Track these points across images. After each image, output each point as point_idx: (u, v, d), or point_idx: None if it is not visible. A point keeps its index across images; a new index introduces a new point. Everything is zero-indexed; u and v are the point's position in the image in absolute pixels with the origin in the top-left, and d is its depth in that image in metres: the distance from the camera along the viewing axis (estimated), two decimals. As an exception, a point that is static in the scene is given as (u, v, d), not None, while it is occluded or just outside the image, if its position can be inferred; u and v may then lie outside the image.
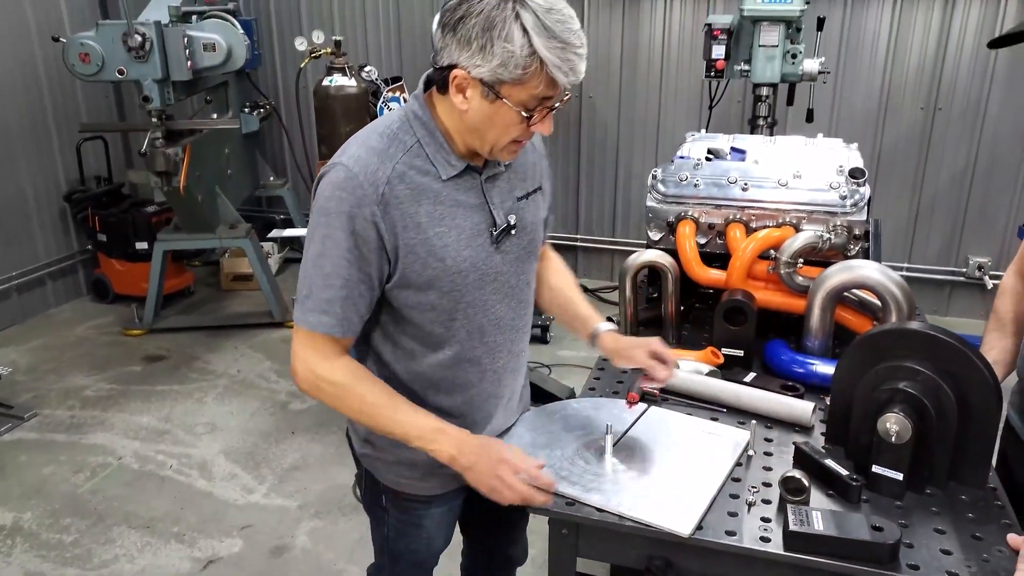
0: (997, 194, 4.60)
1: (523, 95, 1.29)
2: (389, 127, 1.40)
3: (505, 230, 1.47)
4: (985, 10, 4.32)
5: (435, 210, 1.38)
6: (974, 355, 1.44)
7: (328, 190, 1.36)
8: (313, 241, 1.38)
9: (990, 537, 1.36)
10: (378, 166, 1.35)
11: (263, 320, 4.69)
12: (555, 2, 1.28)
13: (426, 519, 1.65)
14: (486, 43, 1.25)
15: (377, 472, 1.63)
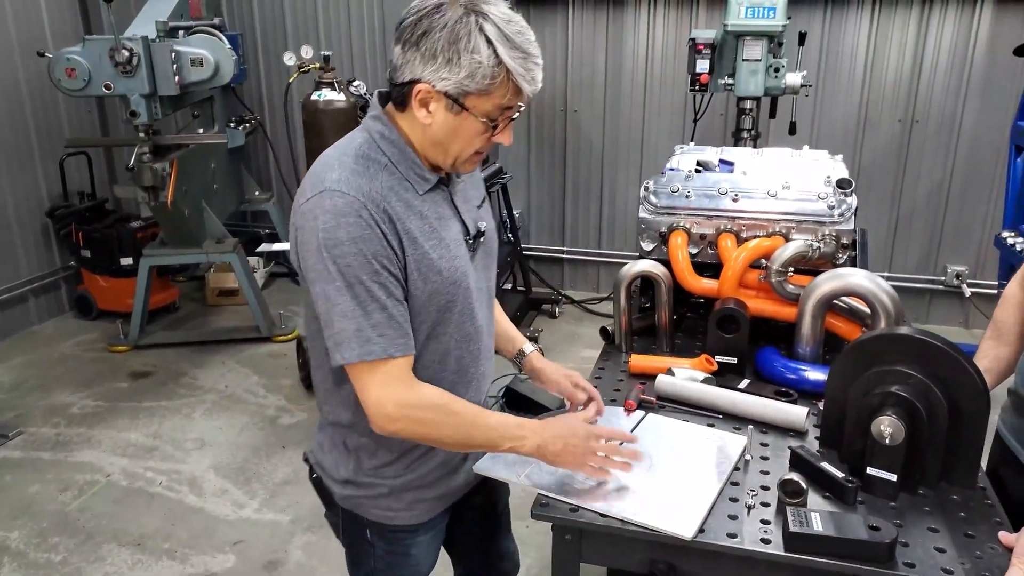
0: (973, 205, 4.71)
1: (488, 105, 1.32)
2: (359, 149, 1.38)
3: (476, 237, 1.50)
4: (958, 26, 4.44)
5: (424, 224, 1.39)
6: (963, 359, 1.48)
7: (330, 220, 1.30)
8: (332, 276, 1.32)
9: (982, 535, 1.40)
10: (369, 185, 1.33)
11: (250, 335, 4.68)
12: (511, 14, 1.31)
13: (414, 547, 1.64)
14: (452, 56, 1.27)
15: (360, 509, 1.58)
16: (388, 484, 1.55)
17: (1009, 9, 4.34)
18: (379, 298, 1.33)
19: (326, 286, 1.33)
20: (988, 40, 4.42)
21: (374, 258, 1.32)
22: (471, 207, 1.53)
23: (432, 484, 1.59)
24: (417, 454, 1.54)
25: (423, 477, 1.57)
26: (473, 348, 1.54)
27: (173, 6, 4.45)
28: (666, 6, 4.85)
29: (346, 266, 1.31)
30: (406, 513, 1.58)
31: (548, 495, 1.50)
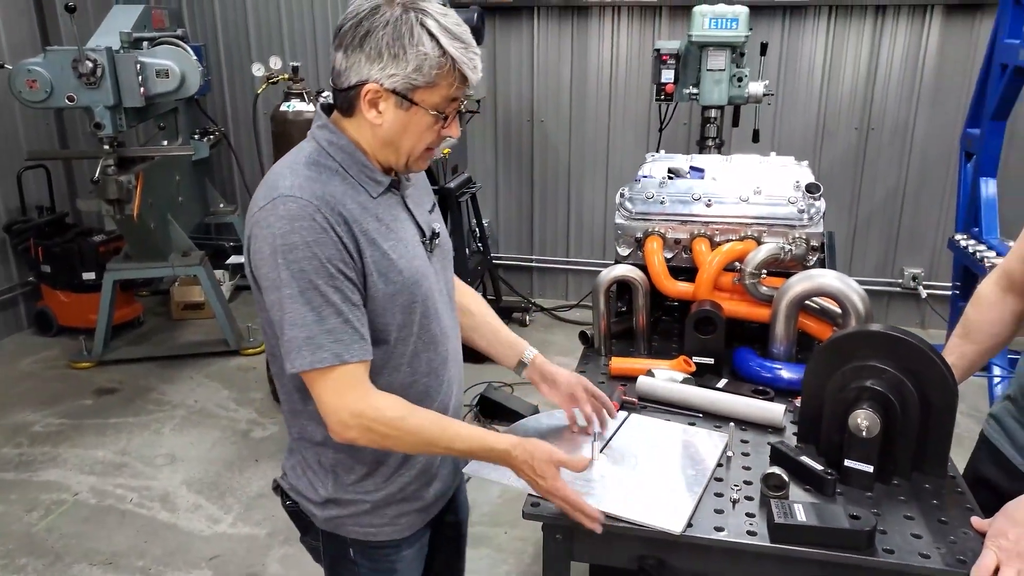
0: (927, 209, 4.87)
1: (435, 97, 1.34)
2: (309, 157, 1.38)
3: (432, 239, 1.52)
4: (909, 37, 4.60)
5: (380, 226, 1.39)
6: (933, 354, 1.55)
7: (283, 225, 1.29)
8: (285, 282, 1.30)
9: (955, 521, 1.46)
10: (323, 189, 1.33)
11: (218, 349, 4.63)
12: (445, 8, 1.34)
13: (399, 563, 1.60)
14: (398, 51, 1.29)
15: (342, 529, 1.55)
16: (369, 499, 1.52)
17: (956, 21, 4.52)
18: (334, 302, 1.32)
19: (279, 294, 1.32)
20: (937, 50, 4.59)
21: (329, 262, 1.31)
22: (423, 211, 1.54)
23: (413, 496, 1.56)
24: (394, 464, 1.52)
25: (403, 489, 1.55)
26: (442, 350, 1.53)
27: (136, 17, 4.41)
28: (629, 17, 4.94)
29: (300, 271, 1.30)
30: (389, 528, 1.56)
31: (537, 496, 1.52)
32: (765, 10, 4.61)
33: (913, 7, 4.52)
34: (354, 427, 1.35)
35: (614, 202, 5.66)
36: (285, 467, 1.62)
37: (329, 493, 1.52)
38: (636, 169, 5.20)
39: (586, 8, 4.94)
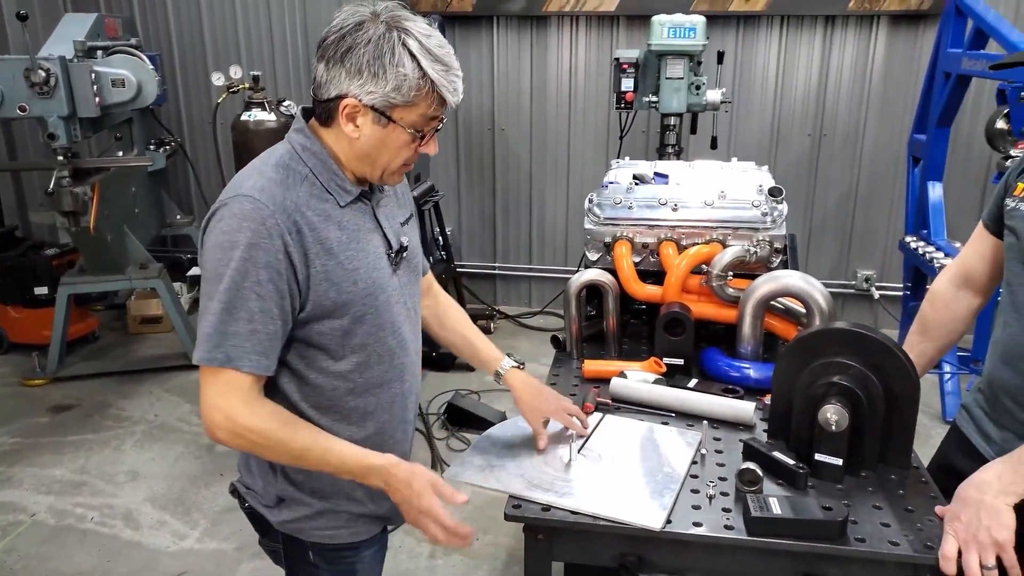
0: (877, 212, 5.03)
1: (413, 116, 1.35)
2: (280, 159, 1.39)
3: (399, 252, 1.52)
4: (857, 46, 4.76)
5: (342, 235, 1.40)
6: (896, 348, 1.61)
7: (233, 222, 1.30)
8: (215, 278, 1.31)
9: (920, 509, 1.52)
10: (284, 195, 1.34)
11: (178, 362, 4.54)
12: (430, 29, 1.36)
13: (358, 564, 1.60)
14: (378, 70, 1.30)
15: (301, 533, 1.54)
16: (319, 503, 1.52)
17: (900, 31, 4.68)
18: (250, 309, 1.31)
19: (207, 285, 1.33)
20: (884, 59, 4.75)
21: (263, 268, 1.31)
22: (394, 223, 1.54)
23: (362, 500, 1.55)
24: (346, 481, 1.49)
25: (351, 494, 1.53)
26: (397, 363, 1.53)
27: (89, 26, 4.33)
28: (587, 26, 5.01)
29: (233, 269, 1.30)
30: (345, 531, 1.55)
31: (519, 497, 1.54)
32: (719, 19, 4.72)
33: (860, 17, 4.67)
34: (224, 429, 1.35)
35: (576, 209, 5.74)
36: (240, 468, 1.62)
37: (281, 494, 1.52)
38: (597, 177, 5.27)
39: (545, 18, 5.00)
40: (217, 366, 1.32)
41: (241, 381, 1.33)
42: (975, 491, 1.39)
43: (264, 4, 5.32)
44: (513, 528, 3.06)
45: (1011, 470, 1.38)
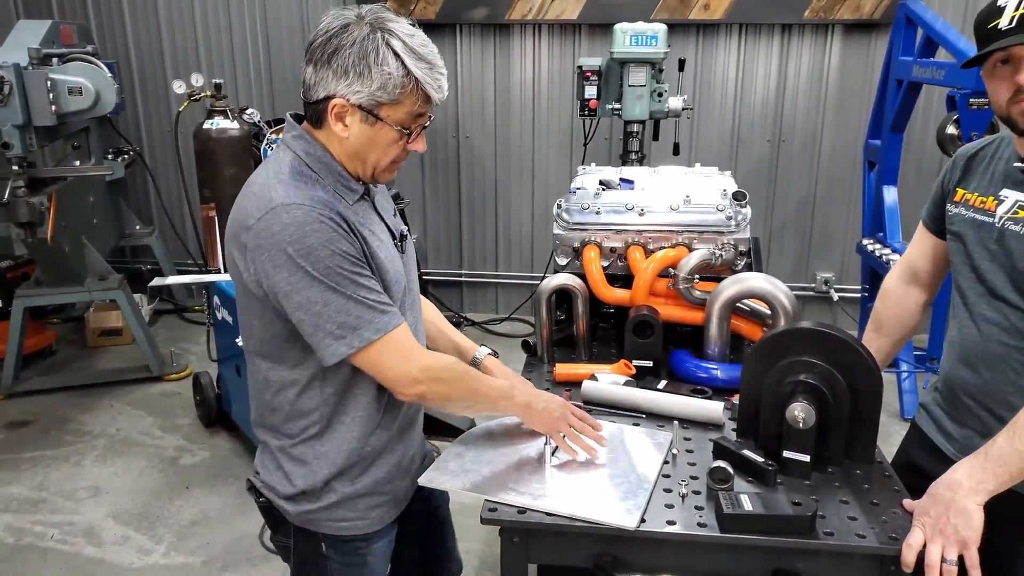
0: (835, 216, 5.14)
1: (400, 114, 1.42)
2: (291, 167, 1.44)
3: (401, 240, 1.61)
4: (814, 53, 4.87)
5: (363, 230, 1.46)
6: (858, 346, 1.65)
7: (296, 231, 1.36)
8: (315, 281, 1.37)
9: (885, 503, 1.56)
10: (316, 195, 1.40)
11: (140, 375, 4.46)
12: (414, 29, 1.43)
13: (370, 555, 1.65)
14: (363, 70, 1.36)
15: (315, 524, 1.59)
16: (340, 492, 1.57)
17: (854, 39, 4.81)
18: (365, 286, 1.41)
19: (310, 292, 1.38)
20: (839, 66, 4.87)
21: (347, 255, 1.39)
22: (389, 215, 1.64)
23: (384, 488, 1.62)
24: (372, 458, 1.58)
25: (377, 483, 1.60)
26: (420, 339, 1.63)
27: (43, 33, 4.24)
28: (550, 34, 5.05)
29: (326, 268, 1.37)
30: (361, 522, 1.61)
31: (495, 500, 1.55)
32: (680, 28, 4.80)
33: (815, 26, 4.79)
34: (424, 380, 1.47)
35: (541, 216, 5.78)
36: (257, 465, 1.67)
37: (304, 486, 1.56)
38: (562, 183, 5.34)
39: (508, 26, 5.03)
40: (384, 334, 1.42)
41: (406, 334, 1.47)
42: (947, 490, 1.43)
43: (224, 12, 5.27)
44: (485, 534, 3.06)
45: (980, 468, 1.42)
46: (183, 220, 5.61)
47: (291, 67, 5.30)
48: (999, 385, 1.60)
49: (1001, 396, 1.59)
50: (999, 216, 1.57)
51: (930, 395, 1.83)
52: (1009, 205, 1.56)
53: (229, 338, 3.44)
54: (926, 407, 1.83)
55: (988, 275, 1.60)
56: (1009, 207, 1.56)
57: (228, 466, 3.60)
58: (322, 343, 1.42)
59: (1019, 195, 1.55)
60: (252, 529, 3.12)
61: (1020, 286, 1.54)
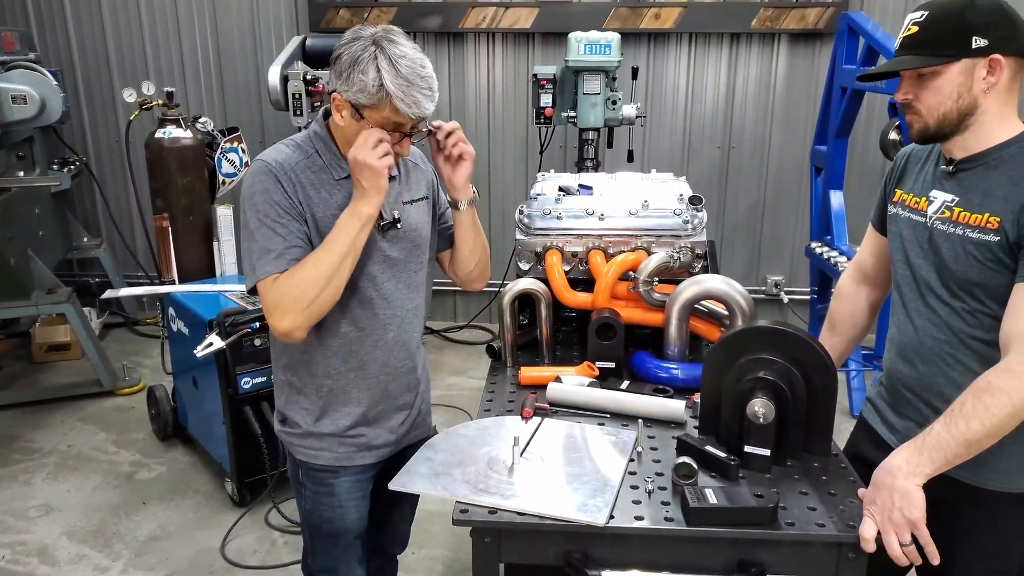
0: (784, 220, 5.29)
1: (378, 118, 1.66)
2: (295, 140, 1.80)
3: (391, 224, 1.80)
4: (761, 62, 5.01)
5: (330, 199, 1.74)
6: (814, 343, 1.72)
7: (250, 179, 1.72)
8: (248, 222, 1.70)
9: (842, 493, 1.62)
10: (285, 159, 1.73)
11: (91, 390, 4.36)
12: (411, 52, 1.64)
13: (337, 487, 1.89)
14: (350, 74, 1.63)
15: (292, 448, 1.91)
16: (306, 427, 1.86)
17: (799, 48, 4.96)
18: (281, 234, 1.68)
19: (245, 232, 1.71)
20: (786, 74, 5.02)
21: (278, 204, 1.68)
22: (396, 201, 1.84)
23: (348, 432, 1.87)
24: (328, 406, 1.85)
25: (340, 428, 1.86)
26: (379, 313, 1.82)
27: (-16, 41, 4.13)
28: (504, 43, 5.10)
29: (256, 212, 1.69)
30: (328, 454, 1.87)
31: (466, 502, 1.57)
32: (632, 36, 4.89)
33: (763, 35, 4.93)
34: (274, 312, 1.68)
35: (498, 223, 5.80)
36: None
37: (280, 411, 1.92)
38: (518, 190, 5.38)
39: (462, 34, 5.06)
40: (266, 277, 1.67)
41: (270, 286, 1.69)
42: (887, 476, 1.50)
43: (173, 19, 5.19)
44: (449, 540, 3.07)
45: (916, 453, 1.49)
46: (133, 231, 5.51)
47: (243, 75, 5.24)
48: (934, 378, 1.67)
49: (936, 388, 1.67)
50: (929, 216, 1.65)
51: (875, 389, 1.91)
52: (937, 205, 1.64)
53: (185, 350, 3.39)
54: (871, 400, 1.91)
55: (921, 272, 1.68)
56: (937, 207, 1.64)
57: (186, 480, 3.54)
58: (246, 273, 1.74)
59: (946, 196, 1.63)
60: (213, 543, 3.08)
61: (948, 284, 1.62)
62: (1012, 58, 1.53)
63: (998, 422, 1.44)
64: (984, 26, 1.50)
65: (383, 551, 2.20)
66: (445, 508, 1.58)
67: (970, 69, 1.52)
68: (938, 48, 1.53)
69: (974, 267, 1.56)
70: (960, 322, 1.62)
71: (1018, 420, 1.46)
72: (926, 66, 1.54)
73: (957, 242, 1.59)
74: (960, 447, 1.46)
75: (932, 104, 1.56)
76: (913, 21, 1.57)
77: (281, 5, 5.08)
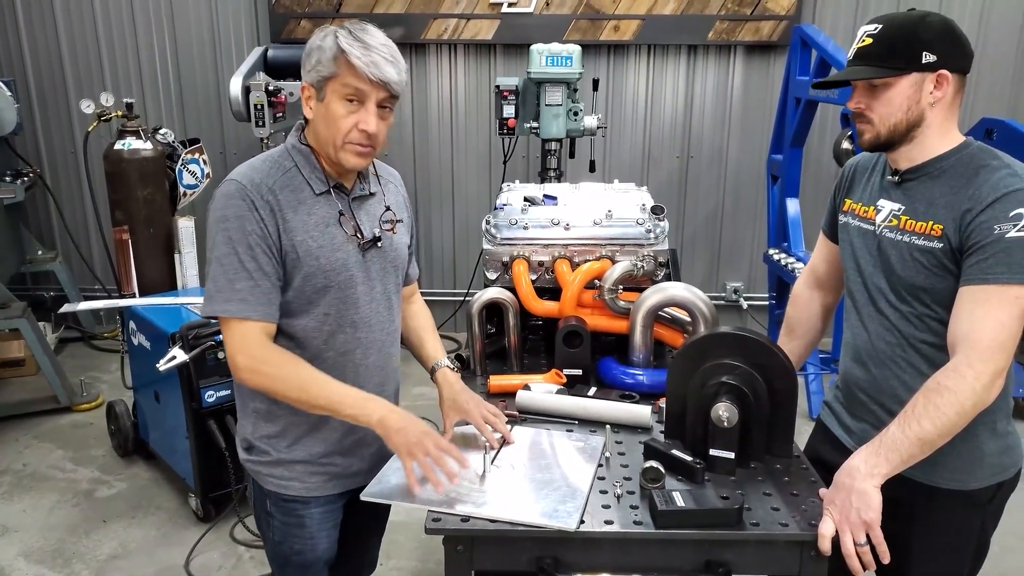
0: (742, 228, 5.40)
1: (338, 86, 1.60)
2: (271, 156, 1.71)
3: (372, 242, 1.74)
4: (718, 73, 5.12)
5: (309, 219, 1.66)
6: (774, 347, 1.77)
7: (223, 200, 1.62)
8: (217, 244, 1.62)
9: (803, 493, 1.67)
10: (262, 179, 1.64)
11: (47, 407, 4.25)
12: (374, 31, 1.62)
13: (307, 519, 1.80)
14: (311, 51, 1.62)
15: (259, 477, 1.80)
16: (277, 455, 1.77)
17: (755, 60, 5.09)
18: (248, 269, 1.60)
19: (211, 254, 1.64)
20: (742, 85, 5.14)
21: (250, 235, 1.60)
22: (372, 218, 1.78)
23: (321, 460, 1.78)
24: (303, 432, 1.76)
25: (313, 454, 1.77)
26: (361, 336, 1.76)
27: (-66, 50, 4.02)
28: (466, 54, 5.13)
29: (227, 238, 1.61)
30: (298, 484, 1.78)
31: (438, 510, 1.58)
32: (592, 48, 4.96)
33: (719, 47, 5.04)
34: (244, 368, 1.62)
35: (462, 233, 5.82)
36: None
37: (247, 436, 1.80)
38: (482, 200, 5.40)
39: (423, 45, 5.08)
40: (229, 317, 1.60)
41: (254, 329, 1.62)
42: (847, 477, 1.55)
43: (130, 29, 5.12)
44: (416, 551, 3.07)
45: (874, 454, 1.55)
46: (89, 244, 5.40)
47: (203, 86, 5.19)
48: (887, 381, 1.74)
49: (890, 391, 1.73)
50: (878, 224, 1.72)
51: (832, 393, 1.97)
52: (885, 214, 1.71)
53: (146, 364, 3.34)
54: (829, 404, 1.97)
55: (872, 279, 1.74)
56: (885, 216, 1.71)
57: (148, 496, 3.48)
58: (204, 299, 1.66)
59: (893, 205, 1.70)
60: (177, 560, 3.03)
61: (897, 289, 1.69)
62: (956, 75, 1.61)
63: (948, 421, 1.51)
64: (933, 42, 1.57)
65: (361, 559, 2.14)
66: (412, 519, 1.59)
67: (919, 83, 1.59)
68: (890, 60, 1.59)
69: (920, 273, 1.63)
70: (909, 326, 1.68)
71: (967, 418, 1.52)
72: (879, 77, 1.60)
73: (904, 249, 1.66)
74: (914, 447, 1.52)
75: (884, 114, 1.63)
76: (867, 33, 1.63)
77: (241, 16, 5.05)
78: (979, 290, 1.53)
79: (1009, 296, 1.51)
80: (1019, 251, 1.50)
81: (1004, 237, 1.50)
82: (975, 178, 1.58)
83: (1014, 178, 1.54)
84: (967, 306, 1.55)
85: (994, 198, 1.53)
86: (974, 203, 1.55)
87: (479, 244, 2.42)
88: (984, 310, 1.52)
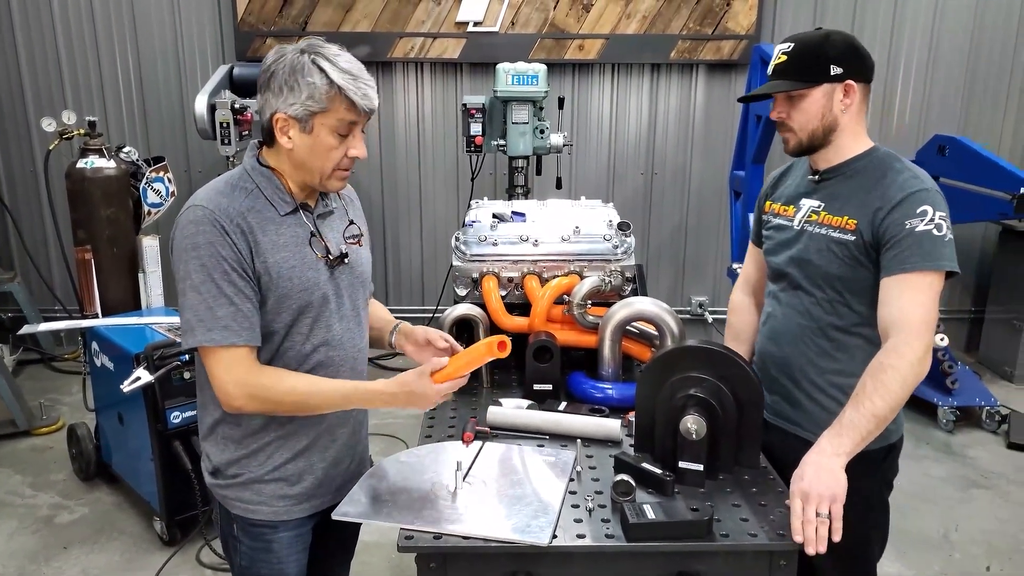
0: (706, 243, 5.48)
1: (332, 121, 1.58)
2: (231, 179, 1.67)
3: (339, 259, 1.73)
4: (681, 91, 5.22)
5: (279, 240, 1.64)
6: (740, 359, 1.81)
7: (191, 228, 1.57)
8: (190, 273, 1.57)
9: (771, 503, 1.70)
10: (228, 203, 1.60)
11: (5, 431, 4.15)
12: (342, 52, 1.61)
13: (275, 543, 1.77)
14: (293, 84, 1.56)
15: (226, 502, 1.76)
16: (246, 475, 1.73)
17: (716, 78, 5.20)
18: (227, 294, 1.57)
19: (184, 284, 1.58)
20: (704, 103, 5.24)
21: (225, 260, 1.56)
22: (336, 235, 1.77)
23: (292, 480, 1.75)
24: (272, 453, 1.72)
25: (280, 470, 1.74)
26: (333, 355, 1.74)
27: None
28: (432, 72, 5.16)
29: (201, 266, 1.56)
30: (266, 508, 1.75)
31: (411, 528, 1.58)
32: (557, 67, 5.02)
33: (682, 66, 5.14)
34: (239, 396, 1.60)
35: (430, 249, 5.83)
36: None
37: (217, 462, 1.75)
38: (450, 217, 5.42)
39: (390, 63, 5.10)
40: (215, 346, 1.57)
41: (242, 354, 1.59)
42: (815, 455, 1.66)
43: (92, 47, 5.07)
44: (386, 571, 3.04)
45: (836, 435, 1.67)
46: (49, 264, 5.31)
47: (167, 104, 5.15)
48: (795, 358, 1.95)
49: (797, 366, 1.94)
50: (797, 220, 1.94)
51: None
52: (805, 211, 1.93)
53: (109, 385, 3.28)
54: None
55: (787, 268, 1.95)
56: (805, 212, 1.93)
57: (111, 520, 3.41)
58: (182, 331, 1.62)
59: (813, 202, 1.92)
60: (142, 585, 2.97)
61: (812, 276, 1.89)
62: (861, 84, 1.83)
63: (896, 395, 1.67)
64: (838, 57, 1.79)
65: None
66: (382, 539, 1.59)
67: (830, 92, 1.81)
68: (803, 74, 1.81)
69: (834, 262, 1.84)
70: (820, 311, 1.89)
71: (910, 390, 1.70)
72: (794, 89, 1.82)
73: (822, 240, 1.86)
74: (871, 423, 1.66)
75: (802, 122, 1.84)
76: (782, 51, 1.85)
77: (206, 33, 5.03)
78: (901, 279, 1.72)
79: (926, 281, 1.71)
80: (928, 242, 1.71)
81: (915, 231, 1.72)
82: (883, 179, 1.80)
83: (916, 180, 1.77)
84: (893, 293, 1.73)
85: (901, 197, 1.74)
86: (884, 202, 1.76)
87: (447, 260, 2.43)
88: (909, 295, 1.71)
